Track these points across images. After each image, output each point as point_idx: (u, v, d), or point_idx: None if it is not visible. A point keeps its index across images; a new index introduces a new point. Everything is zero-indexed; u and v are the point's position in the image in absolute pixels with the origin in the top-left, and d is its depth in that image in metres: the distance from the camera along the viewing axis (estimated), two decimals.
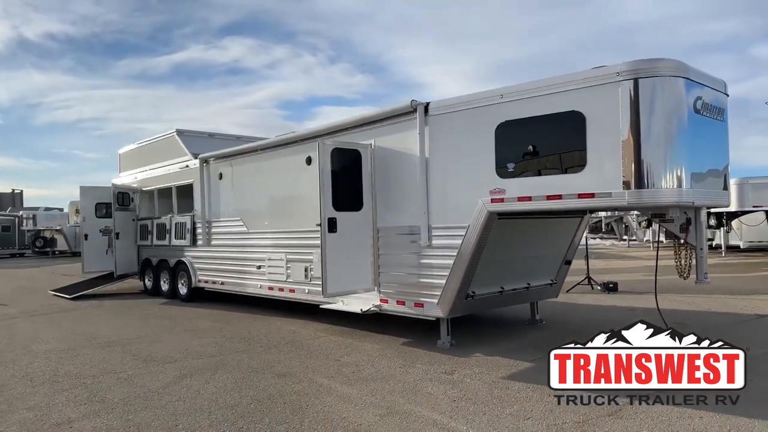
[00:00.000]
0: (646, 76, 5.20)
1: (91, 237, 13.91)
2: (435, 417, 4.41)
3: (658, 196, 5.22)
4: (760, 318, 8.15)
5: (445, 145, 6.54)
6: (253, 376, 5.80)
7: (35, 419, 4.69)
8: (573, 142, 5.53)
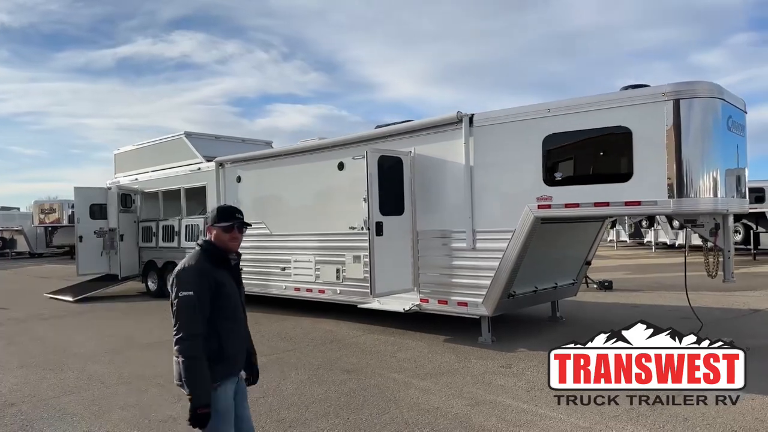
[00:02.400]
0: (688, 97, 5.81)
1: (86, 239, 13.75)
2: (521, 406, 4.86)
3: (697, 204, 5.85)
4: (756, 312, 8.99)
5: (491, 154, 7.00)
6: (321, 372, 6.11)
7: (137, 417, 4.88)
8: (619, 154, 6.10)
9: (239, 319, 2.89)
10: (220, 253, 2.86)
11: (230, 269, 2.91)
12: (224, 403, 2.80)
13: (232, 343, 2.82)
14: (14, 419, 4.95)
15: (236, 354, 2.88)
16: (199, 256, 2.82)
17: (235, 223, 2.88)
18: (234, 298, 2.84)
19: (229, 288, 2.82)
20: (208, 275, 2.73)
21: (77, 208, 14.05)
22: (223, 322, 2.77)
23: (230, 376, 2.84)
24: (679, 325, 8.05)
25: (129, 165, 14.05)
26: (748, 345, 5.29)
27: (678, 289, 11.27)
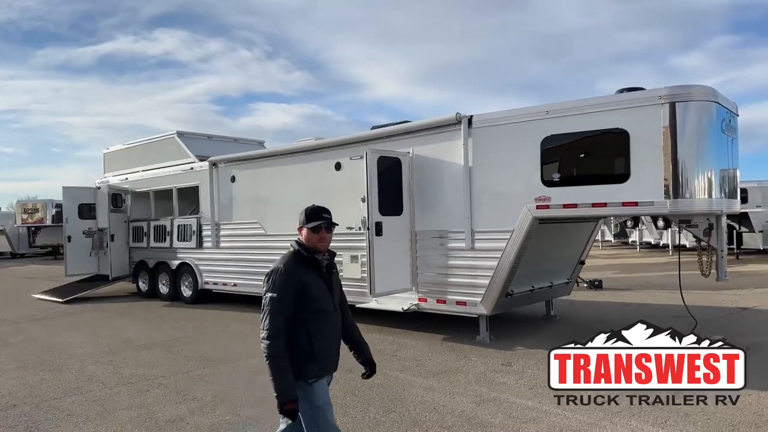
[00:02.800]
0: (684, 100, 5.95)
1: (75, 239, 13.62)
2: (526, 403, 4.95)
3: (693, 205, 5.99)
4: (744, 310, 9.20)
5: (489, 155, 7.09)
6: None
7: (143, 417, 4.88)
8: (617, 155, 6.22)
9: (329, 319, 2.91)
10: (309, 253, 2.90)
11: (320, 270, 2.93)
12: (322, 399, 2.88)
13: (322, 341, 2.86)
14: (18, 420, 4.91)
15: (327, 352, 2.90)
16: (289, 257, 2.89)
17: (323, 223, 2.91)
18: (323, 300, 2.87)
19: (316, 288, 2.85)
20: (294, 277, 2.79)
21: (66, 208, 13.91)
22: (312, 322, 2.83)
23: (324, 373, 2.90)
24: (672, 323, 8.23)
25: (119, 164, 13.93)
26: (746, 345, 5.43)
27: (667, 288, 11.52)
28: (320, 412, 2.88)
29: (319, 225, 2.90)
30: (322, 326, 2.87)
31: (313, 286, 2.84)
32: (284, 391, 2.72)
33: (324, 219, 2.93)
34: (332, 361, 2.99)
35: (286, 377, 2.74)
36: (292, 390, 2.75)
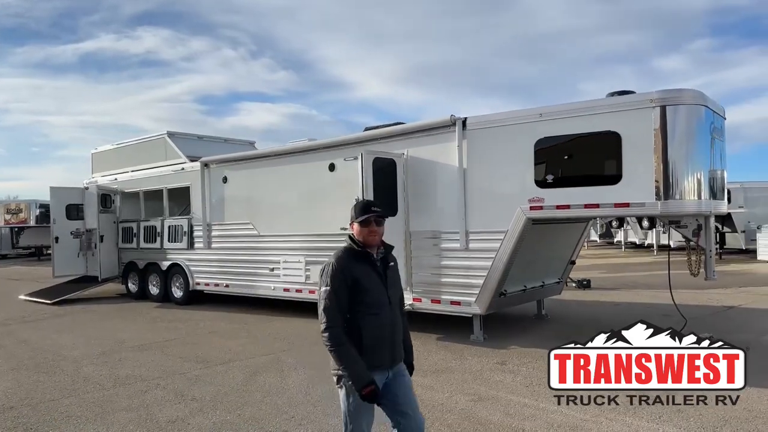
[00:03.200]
0: (674, 103, 6.09)
1: (62, 240, 13.49)
2: (523, 400, 5.04)
3: (683, 206, 6.14)
4: (730, 309, 9.40)
5: (483, 156, 7.18)
6: (321, 372, 6.13)
7: (142, 419, 4.88)
8: (609, 157, 6.34)
9: (382, 313, 2.87)
10: (360, 247, 2.92)
11: (373, 263, 2.92)
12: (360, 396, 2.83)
13: (373, 336, 2.84)
14: (17, 422, 4.89)
15: (378, 347, 2.86)
16: (342, 252, 2.93)
17: (371, 216, 2.93)
18: (375, 293, 2.86)
19: (368, 282, 2.85)
20: (345, 270, 2.82)
21: (53, 209, 13.77)
22: (363, 316, 2.83)
23: (375, 368, 2.84)
24: (661, 321, 8.39)
25: (107, 165, 13.82)
26: (745, 344, 5.57)
27: (653, 287, 11.72)
28: (356, 417, 2.87)
29: (368, 218, 2.93)
30: (373, 320, 2.85)
31: (364, 279, 2.84)
32: (360, 376, 2.75)
33: (373, 212, 2.95)
34: (384, 357, 2.90)
35: (357, 362, 2.76)
36: (366, 373, 2.76)
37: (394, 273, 3.06)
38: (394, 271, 3.04)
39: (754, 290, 11.55)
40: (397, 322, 2.97)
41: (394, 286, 3.02)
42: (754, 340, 6.98)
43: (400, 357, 3.02)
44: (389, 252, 3.04)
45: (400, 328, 3.01)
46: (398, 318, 2.99)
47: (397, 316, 2.98)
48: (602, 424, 4.46)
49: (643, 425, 4.42)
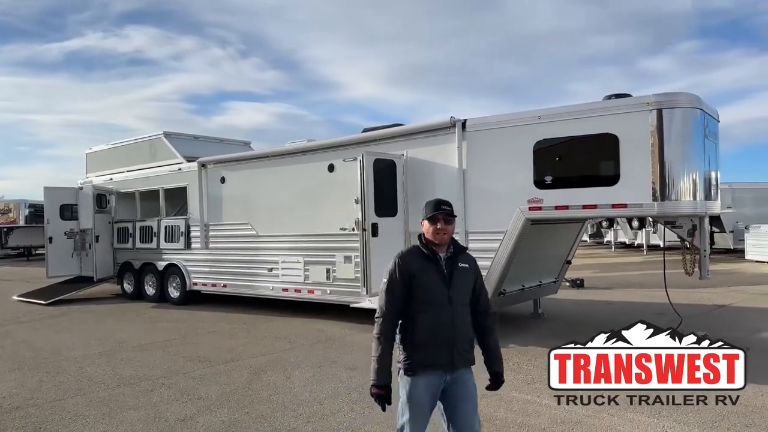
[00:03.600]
0: (670, 106, 6.23)
1: (56, 240, 13.45)
2: (525, 397, 5.15)
3: (679, 207, 6.29)
4: (721, 308, 9.59)
5: (483, 158, 7.29)
6: (324, 370, 6.26)
7: (151, 417, 4.93)
8: (607, 159, 6.48)
9: (439, 313, 2.81)
10: (425, 244, 2.93)
11: (437, 262, 2.88)
12: (415, 396, 2.83)
13: (427, 333, 2.80)
14: (25, 422, 4.92)
15: (433, 345, 2.80)
16: (406, 248, 3.00)
17: (439, 214, 2.91)
18: (433, 291, 2.82)
19: (425, 280, 2.83)
20: (404, 266, 2.86)
21: (47, 209, 13.72)
22: (418, 313, 2.82)
23: (427, 368, 2.81)
24: (655, 320, 8.54)
25: (102, 165, 13.79)
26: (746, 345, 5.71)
27: (646, 286, 11.91)
28: (409, 408, 2.85)
29: (435, 216, 2.91)
30: (429, 318, 2.81)
31: (423, 277, 2.83)
32: (374, 372, 2.80)
33: (442, 210, 2.93)
34: (439, 357, 2.81)
35: (379, 359, 2.79)
36: (381, 374, 2.79)
37: (464, 274, 2.94)
38: (464, 272, 2.94)
39: (743, 289, 11.77)
40: (459, 324, 2.85)
41: (462, 287, 2.90)
42: (746, 338, 7.15)
43: (463, 362, 2.89)
44: (460, 252, 2.98)
45: (465, 330, 2.89)
46: (462, 319, 2.88)
47: (460, 318, 2.86)
48: (604, 419, 4.58)
49: (644, 420, 4.54)
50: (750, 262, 17.64)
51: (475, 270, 3.01)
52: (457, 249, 2.99)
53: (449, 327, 2.82)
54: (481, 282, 3.05)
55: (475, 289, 2.99)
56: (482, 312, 3.02)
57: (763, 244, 17.65)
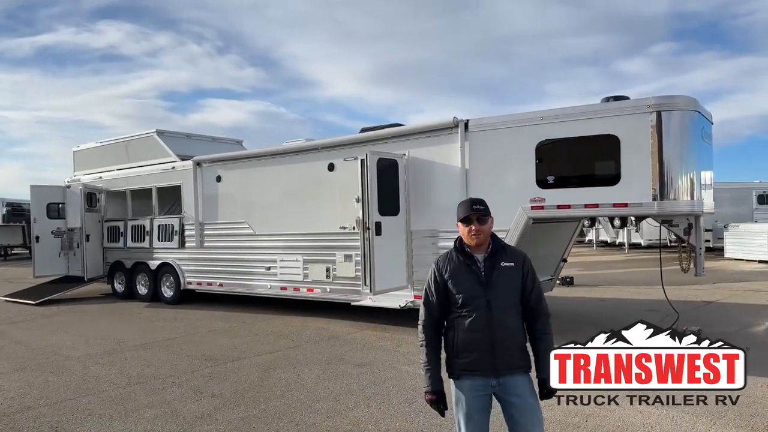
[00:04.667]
0: (669, 109, 6.44)
1: (43, 239, 13.27)
2: None
3: (677, 206, 6.50)
4: (708, 304, 9.89)
5: (485, 157, 7.42)
6: (332, 367, 6.32)
7: (168, 415, 4.94)
8: (608, 159, 6.66)
9: (475, 316, 2.72)
10: (461, 246, 2.86)
11: (471, 263, 2.80)
12: (461, 400, 2.80)
13: (464, 338, 2.74)
14: (39, 422, 4.89)
15: (472, 350, 2.73)
16: (448, 251, 2.92)
17: (472, 215, 2.82)
18: (468, 294, 2.74)
19: (459, 282, 2.77)
20: (440, 269, 2.84)
21: (33, 208, 13.55)
22: (456, 317, 2.78)
23: (469, 372, 2.75)
24: (647, 316, 8.76)
25: (91, 163, 13.60)
26: (746, 345, 5.93)
27: (633, 284, 12.20)
28: (458, 414, 2.82)
29: (467, 217, 2.83)
30: (464, 321, 2.74)
31: (456, 279, 2.77)
32: (426, 380, 2.82)
33: (474, 210, 2.84)
34: (480, 362, 2.72)
35: (428, 366, 2.81)
36: (432, 380, 2.80)
37: (506, 274, 2.79)
38: (506, 272, 2.78)
39: (727, 286, 12.12)
40: (499, 328, 2.73)
41: (503, 288, 2.76)
42: (739, 333, 7.41)
43: (509, 368, 2.76)
44: (502, 251, 2.85)
45: (507, 334, 2.75)
46: (503, 323, 2.74)
47: (500, 321, 2.73)
48: (615, 411, 4.73)
49: (654, 411, 4.71)
50: (729, 259, 18.14)
51: (521, 269, 2.83)
52: (498, 248, 2.86)
53: (486, 331, 2.72)
54: (533, 281, 2.86)
55: (525, 288, 2.82)
56: (533, 314, 2.86)
57: (742, 243, 18.18)
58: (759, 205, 21.27)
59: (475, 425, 2.79)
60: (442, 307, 2.84)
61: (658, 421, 4.57)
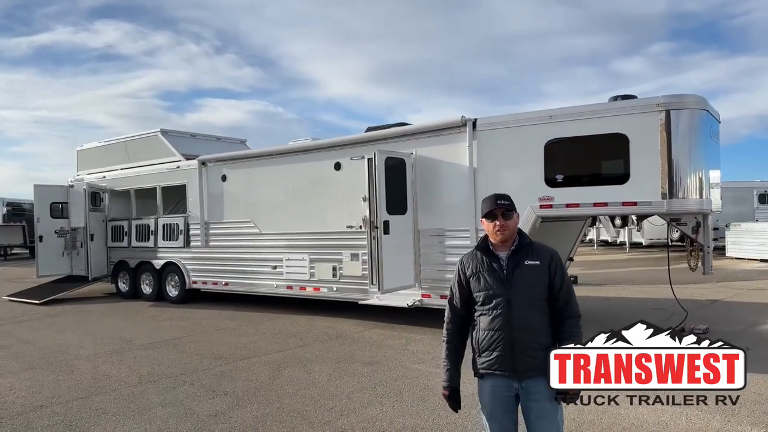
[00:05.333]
0: (678, 108, 6.46)
1: (46, 239, 13.26)
2: None
3: (686, 204, 6.51)
4: (714, 302, 9.92)
5: (493, 156, 7.43)
6: (343, 366, 6.33)
7: (181, 413, 4.95)
8: (617, 158, 6.68)
9: (497, 314, 2.67)
10: (485, 246, 2.79)
11: (493, 260, 2.74)
12: (483, 400, 2.79)
13: (485, 336, 2.71)
14: (53, 420, 4.89)
15: (492, 349, 2.68)
16: (473, 249, 2.86)
17: (496, 210, 2.72)
18: (490, 292, 2.69)
19: (481, 279, 2.72)
20: (463, 267, 2.82)
21: (37, 207, 13.52)
22: (478, 315, 2.75)
23: (490, 372, 2.71)
24: (653, 314, 8.81)
25: (95, 162, 13.58)
26: (746, 345, 5.95)
27: (637, 283, 12.22)
28: (482, 413, 2.82)
29: (491, 212, 2.73)
30: (486, 321, 2.70)
31: (478, 276, 2.73)
32: (444, 376, 2.84)
33: (498, 205, 2.72)
34: (501, 362, 2.67)
35: (447, 362, 2.84)
36: (450, 376, 2.83)
37: (530, 272, 2.69)
38: (530, 270, 2.69)
39: (730, 285, 12.16)
40: (520, 327, 2.66)
41: (526, 286, 2.68)
42: (746, 331, 7.43)
43: (531, 370, 2.69)
44: (527, 248, 2.74)
45: (530, 335, 2.67)
46: (526, 323, 2.67)
47: (523, 321, 2.66)
48: (629, 408, 4.75)
49: (667, 409, 4.72)
50: (730, 259, 18.18)
51: (548, 267, 2.72)
52: (524, 244, 2.75)
53: (507, 331, 2.65)
54: (561, 280, 2.76)
55: (552, 287, 2.72)
56: (561, 314, 2.77)
57: (743, 242, 18.23)
58: (760, 204, 21.31)
59: (499, 425, 2.77)
60: (465, 306, 2.82)
61: (672, 418, 4.59)
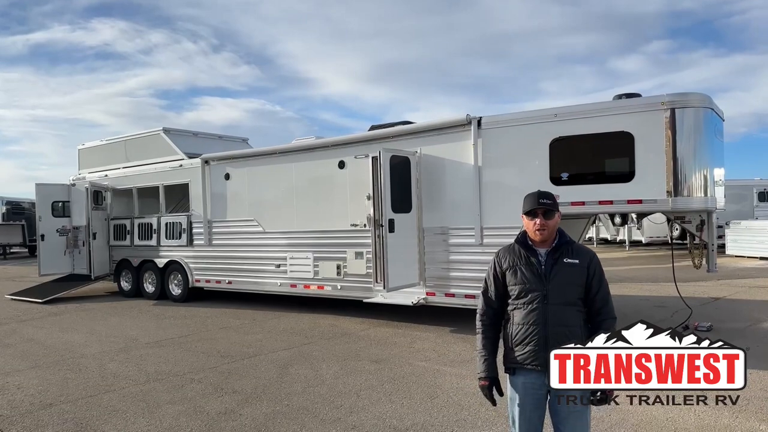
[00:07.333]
0: (682, 106, 6.48)
1: (48, 237, 13.26)
2: None
3: (691, 202, 6.54)
4: (717, 300, 9.96)
5: (498, 154, 7.45)
6: (350, 363, 6.35)
7: (191, 411, 4.96)
8: (622, 156, 6.70)
9: (532, 309, 2.70)
10: (524, 240, 2.81)
11: (531, 255, 2.76)
12: (516, 395, 2.80)
13: (519, 330, 2.73)
14: (63, 418, 4.90)
15: (525, 343, 2.71)
16: (510, 243, 2.87)
17: (538, 209, 2.72)
18: (527, 288, 2.71)
19: (518, 274, 2.74)
20: (499, 260, 2.84)
21: (38, 206, 13.54)
22: (513, 309, 2.77)
23: (522, 366, 2.74)
24: (656, 312, 8.84)
25: (96, 161, 13.57)
26: (746, 345, 5.98)
27: (638, 281, 12.25)
28: (512, 409, 2.83)
29: (532, 210, 2.74)
30: (521, 316, 2.72)
31: (515, 270, 2.76)
32: (480, 365, 2.83)
33: (540, 204, 2.72)
34: (533, 356, 2.70)
35: (483, 353, 2.83)
36: (486, 367, 2.80)
37: (566, 270, 2.73)
38: (568, 269, 2.73)
39: (732, 283, 12.21)
40: (555, 324, 2.69)
41: (564, 284, 2.71)
42: (749, 329, 7.47)
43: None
44: (567, 247, 2.77)
45: (564, 332, 2.69)
46: (561, 320, 2.70)
47: (558, 318, 2.69)
48: (637, 405, 4.77)
49: (676, 405, 4.75)
50: (730, 256, 18.22)
51: (587, 267, 2.76)
52: (564, 243, 2.78)
53: (541, 327, 2.69)
54: (600, 282, 2.80)
55: (590, 288, 2.76)
56: (598, 317, 2.80)
57: (743, 240, 18.27)
58: (760, 203, 21.38)
59: (527, 422, 2.79)
60: (500, 299, 2.84)
61: (681, 414, 4.62)
